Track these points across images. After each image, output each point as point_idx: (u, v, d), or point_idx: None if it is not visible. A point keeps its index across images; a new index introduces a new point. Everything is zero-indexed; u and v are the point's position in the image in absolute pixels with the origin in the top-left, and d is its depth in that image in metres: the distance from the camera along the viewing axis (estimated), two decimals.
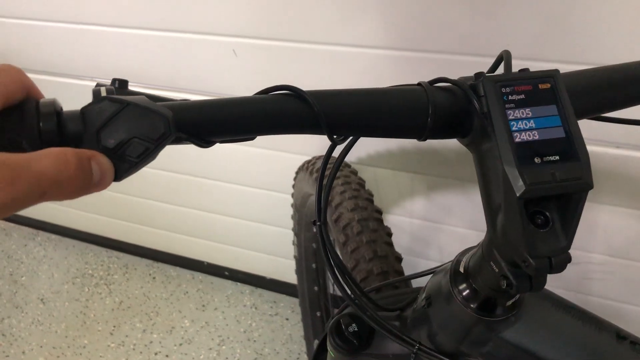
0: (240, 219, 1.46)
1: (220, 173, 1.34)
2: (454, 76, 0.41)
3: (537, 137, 0.36)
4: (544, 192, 0.34)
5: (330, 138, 0.39)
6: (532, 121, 0.36)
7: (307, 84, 1.03)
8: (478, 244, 0.44)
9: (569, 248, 0.36)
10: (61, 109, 0.35)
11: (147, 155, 0.34)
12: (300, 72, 1.00)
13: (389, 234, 0.88)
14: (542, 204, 0.36)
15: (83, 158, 0.32)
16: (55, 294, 1.70)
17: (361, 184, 1.00)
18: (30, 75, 0.35)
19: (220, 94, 1.11)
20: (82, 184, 0.32)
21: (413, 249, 1.25)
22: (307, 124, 0.38)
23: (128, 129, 0.34)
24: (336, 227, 0.90)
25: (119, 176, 0.34)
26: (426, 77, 0.43)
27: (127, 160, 0.34)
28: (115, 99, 0.34)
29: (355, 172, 1.04)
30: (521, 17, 0.78)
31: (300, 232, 1.20)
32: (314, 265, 1.24)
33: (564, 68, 0.81)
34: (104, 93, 0.35)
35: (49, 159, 0.30)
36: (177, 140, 0.36)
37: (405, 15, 0.85)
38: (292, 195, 1.15)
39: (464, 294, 0.45)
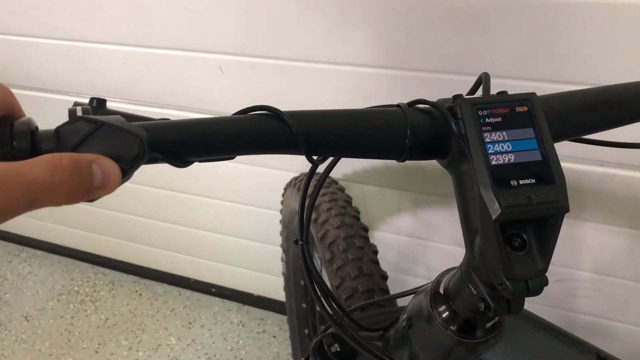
0: (228, 235, 1.45)
1: (207, 189, 1.34)
2: (438, 94, 0.41)
3: (513, 160, 0.36)
4: (520, 215, 0.34)
5: (309, 159, 0.39)
6: (508, 144, 0.36)
7: (293, 101, 1.04)
8: (457, 266, 0.44)
9: (545, 271, 0.35)
10: (36, 128, 0.35)
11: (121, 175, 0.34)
12: (287, 89, 1.00)
13: (375, 252, 0.88)
14: (519, 226, 0.36)
15: (82, 162, 0.31)
16: (39, 311, 1.68)
17: (348, 201, 1.00)
18: (17, 91, 0.35)
19: (206, 110, 1.11)
20: (79, 189, 0.31)
21: (400, 266, 1.25)
22: (286, 144, 0.38)
23: (102, 149, 0.33)
24: (322, 244, 0.89)
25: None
26: (411, 95, 0.43)
27: None
28: (90, 119, 0.34)
29: (342, 189, 1.04)
30: (505, 36, 0.79)
31: (288, 248, 1.19)
32: (302, 282, 1.23)
33: (546, 86, 0.82)
34: (79, 113, 0.35)
35: (42, 164, 0.30)
36: (153, 161, 0.36)
37: (391, 34, 0.86)
38: (281, 211, 1.15)
39: (444, 315, 0.45)
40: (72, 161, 0.31)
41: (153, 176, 1.36)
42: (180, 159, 0.36)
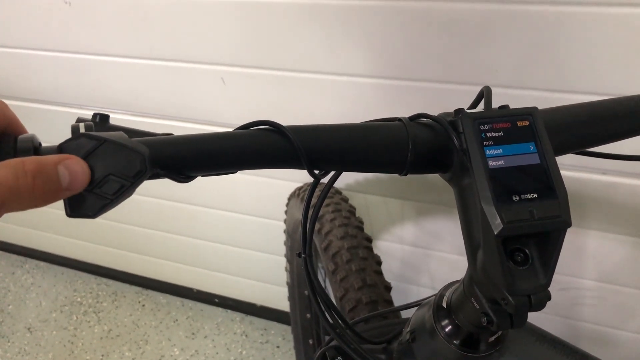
0: (231, 245, 1.45)
1: (210, 200, 1.34)
2: (440, 104, 0.41)
3: (515, 175, 0.36)
4: (522, 230, 0.34)
5: (311, 173, 0.39)
6: (510, 159, 0.36)
7: (295, 112, 1.04)
8: (460, 279, 0.44)
9: (548, 285, 0.35)
10: (40, 144, 0.35)
11: (122, 192, 0.34)
12: (289, 100, 1.00)
13: (379, 263, 0.88)
14: (521, 241, 0.36)
15: (46, 165, 0.31)
16: (42, 323, 1.68)
17: (351, 211, 0.99)
18: (19, 103, 0.36)
19: (208, 121, 1.11)
20: (46, 191, 0.31)
21: (404, 276, 1.24)
22: (288, 159, 0.38)
23: (104, 166, 0.34)
24: (326, 255, 0.89)
25: (95, 213, 0.34)
26: (413, 105, 0.43)
27: (103, 197, 0.34)
28: (92, 135, 0.34)
29: (346, 200, 1.04)
30: (506, 46, 0.80)
31: (292, 258, 1.19)
32: (306, 292, 1.23)
33: (547, 96, 0.82)
34: (82, 129, 0.35)
35: (6, 169, 0.30)
36: (155, 176, 0.36)
37: (392, 45, 0.86)
38: (285, 221, 1.15)
39: (447, 329, 0.45)
40: (35, 165, 0.31)
41: (155, 187, 1.36)
42: (182, 175, 0.36)
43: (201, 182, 1.33)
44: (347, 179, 1.11)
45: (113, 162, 0.34)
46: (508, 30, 0.78)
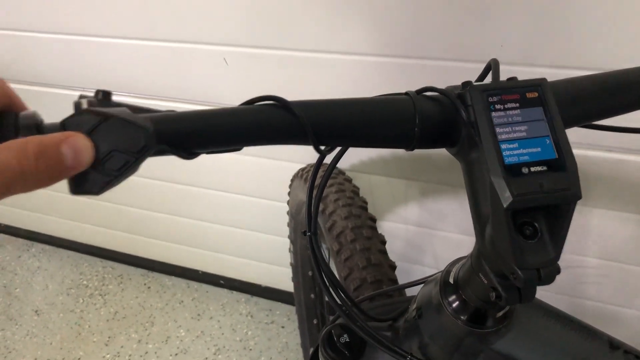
0: (235, 227, 1.45)
1: (214, 182, 1.34)
2: (444, 82, 0.41)
3: (524, 147, 0.35)
4: (532, 203, 0.34)
5: (317, 149, 0.39)
6: (519, 130, 0.36)
7: (298, 92, 1.03)
8: (468, 255, 0.44)
9: (557, 259, 0.35)
10: (42, 121, 0.35)
11: (127, 168, 0.33)
12: (291, 79, 0.99)
13: (383, 242, 0.88)
14: (530, 214, 0.35)
15: (49, 145, 0.31)
16: (49, 306, 1.69)
17: (355, 191, 0.99)
18: (19, 86, 0.35)
19: (211, 102, 1.11)
20: (50, 172, 0.31)
21: (408, 256, 1.25)
22: (293, 134, 0.37)
23: (108, 141, 0.33)
24: (330, 235, 0.89)
25: (99, 190, 0.34)
26: (416, 83, 0.42)
27: (107, 174, 0.33)
28: (96, 111, 0.34)
29: (349, 180, 1.04)
30: (511, 22, 0.78)
31: (296, 239, 1.19)
32: (310, 273, 1.24)
33: (554, 72, 0.81)
34: (84, 105, 0.35)
35: (9, 152, 0.30)
36: (160, 153, 0.35)
37: (395, 22, 0.85)
38: (288, 202, 1.15)
39: (454, 305, 0.44)
40: (37, 146, 0.30)
41: (159, 169, 1.36)
42: (187, 151, 0.36)
43: (205, 164, 1.33)
44: (350, 159, 1.11)
45: (117, 138, 0.33)
46: (513, 3, 0.77)
